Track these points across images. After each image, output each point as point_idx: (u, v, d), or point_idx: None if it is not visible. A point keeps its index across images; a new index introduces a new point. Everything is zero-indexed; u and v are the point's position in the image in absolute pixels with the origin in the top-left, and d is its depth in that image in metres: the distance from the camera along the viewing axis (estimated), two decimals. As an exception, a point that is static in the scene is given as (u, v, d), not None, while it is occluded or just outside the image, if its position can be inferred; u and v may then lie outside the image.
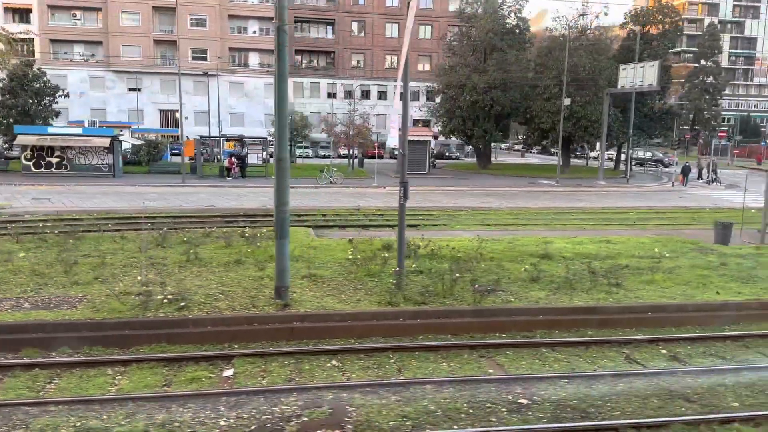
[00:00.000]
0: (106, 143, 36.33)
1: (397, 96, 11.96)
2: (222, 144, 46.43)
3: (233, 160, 39.05)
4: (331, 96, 68.05)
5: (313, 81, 69.96)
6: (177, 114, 60.57)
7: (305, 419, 7.44)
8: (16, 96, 39.90)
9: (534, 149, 62.04)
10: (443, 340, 10.51)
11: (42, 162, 36.12)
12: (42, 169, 35.99)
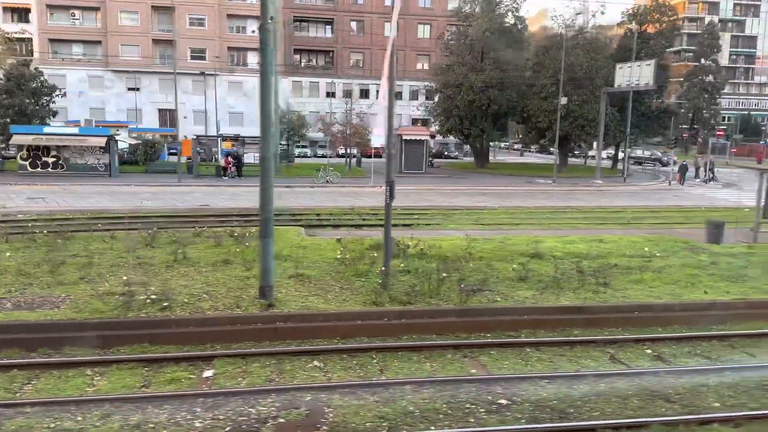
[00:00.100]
0: (102, 143, 36.30)
1: (382, 94, 11.90)
2: (219, 143, 46.36)
3: (230, 159, 38.98)
4: (330, 95, 68.01)
5: (312, 80, 69.91)
6: (176, 113, 60.65)
7: (281, 420, 7.40)
8: (12, 96, 39.83)
9: (533, 148, 61.91)
10: (428, 340, 10.45)
11: (38, 162, 36.10)
12: (38, 169, 35.97)
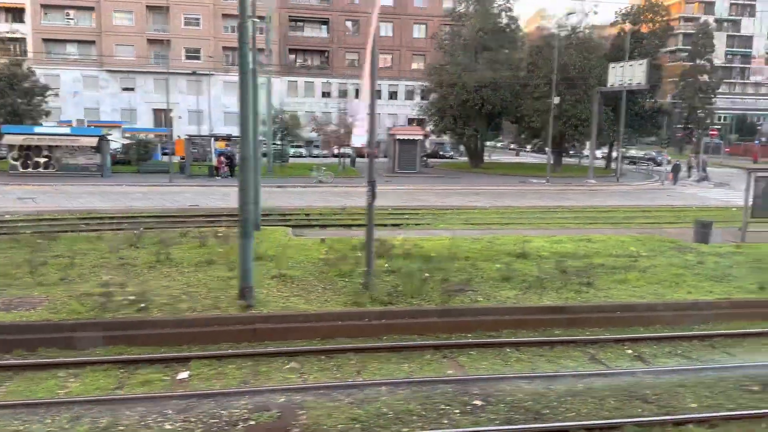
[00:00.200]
0: (93, 143, 36.15)
1: (364, 93, 11.82)
2: (213, 143, 46.23)
3: (222, 159, 38.90)
4: (325, 95, 67.88)
5: (308, 80, 69.76)
6: (171, 113, 60.46)
7: (252, 423, 7.34)
8: (4, 96, 39.69)
9: (528, 148, 61.80)
10: (408, 341, 10.39)
11: (29, 162, 35.93)
12: (29, 169, 35.80)
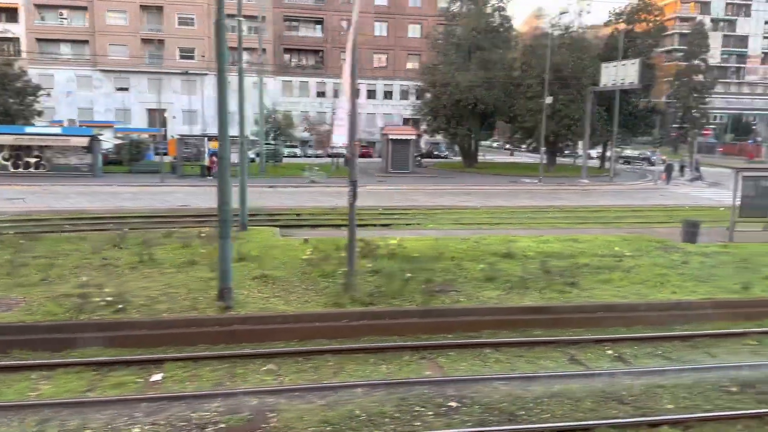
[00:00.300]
0: (84, 143, 36.01)
1: (345, 91, 11.74)
2: (206, 143, 46.08)
3: (214, 159, 38.75)
4: (320, 95, 67.80)
5: (302, 80, 69.65)
6: (165, 113, 60.33)
7: (222, 426, 7.25)
8: (-5, 96, 39.58)
9: (523, 148, 61.69)
10: (387, 342, 10.31)
11: (20, 162, 35.77)
12: (20, 169, 35.65)
